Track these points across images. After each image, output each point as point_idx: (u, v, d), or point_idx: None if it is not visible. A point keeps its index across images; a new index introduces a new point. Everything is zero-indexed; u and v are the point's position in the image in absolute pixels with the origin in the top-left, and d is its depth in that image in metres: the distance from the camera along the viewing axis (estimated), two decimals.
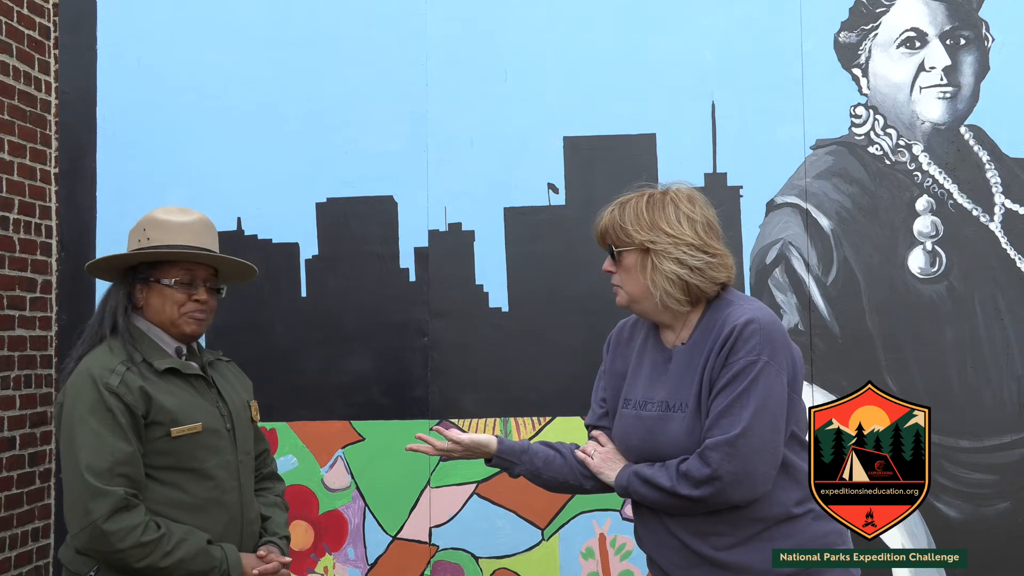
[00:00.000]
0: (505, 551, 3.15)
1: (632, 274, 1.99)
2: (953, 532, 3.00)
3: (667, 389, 1.98)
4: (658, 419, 1.97)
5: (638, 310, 2.04)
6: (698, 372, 1.92)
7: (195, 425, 2.15)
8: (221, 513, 2.18)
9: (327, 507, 3.22)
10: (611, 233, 2.02)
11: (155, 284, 2.21)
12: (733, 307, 1.94)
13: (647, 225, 1.97)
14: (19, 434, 4.06)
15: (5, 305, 4.01)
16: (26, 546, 4.10)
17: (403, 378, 3.21)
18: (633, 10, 3.22)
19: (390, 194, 3.26)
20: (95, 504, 1.99)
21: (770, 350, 1.86)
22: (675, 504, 1.90)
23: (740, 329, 1.87)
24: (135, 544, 2.00)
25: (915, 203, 3.10)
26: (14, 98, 4.15)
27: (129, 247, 2.25)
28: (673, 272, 1.94)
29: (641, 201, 2.01)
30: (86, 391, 2.07)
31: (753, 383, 1.83)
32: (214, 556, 2.10)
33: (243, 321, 3.21)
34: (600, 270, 2.10)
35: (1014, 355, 3.04)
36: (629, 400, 2.05)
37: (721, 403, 1.85)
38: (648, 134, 3.19)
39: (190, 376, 2.22)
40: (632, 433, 2.02)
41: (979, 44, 3.11)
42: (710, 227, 1.99)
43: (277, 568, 2.22)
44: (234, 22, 3.34)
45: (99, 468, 2.01)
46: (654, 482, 1.91)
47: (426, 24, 3.27)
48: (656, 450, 1.96)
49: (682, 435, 1.92)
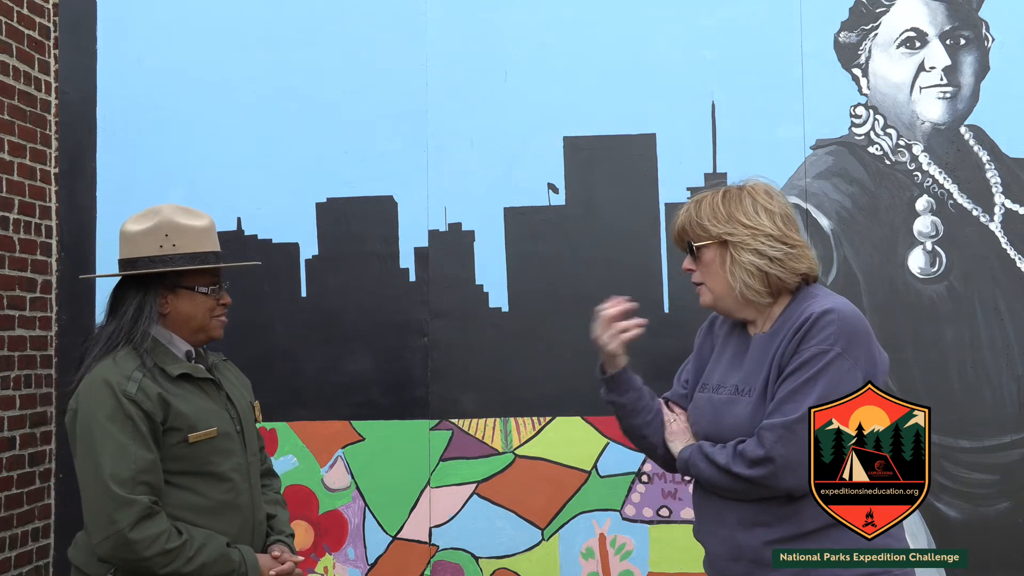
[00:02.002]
0: (505, 551, 3.15)
1: (713, 269, 2.00)
2: (953, 532, 3.00)
3: (741, 375, 1.99)
4: (726, 402, 1.98)
5: (722, 308, 2.04)
6: (769, 358, 1.92)
7: (211, 430, 2.16)
8: (236, 515, 2.20)
9: (327, 507, 3.22)
10: (688, 230, 2.02)
11: (185, 291, 2.20)
12: (816, 299, 1.94)
13: (724, 218, 1.98)
14: (19, 434, 4.06)
15: (5, 305, 4.01)
16: (26, 546, 4.10)
17: (403, 378, 3.21)
18: (633, 10, 3.22)
19: (390, 194, 3.26)
20: (121, 514, 2.00)
21: (845, 342, 1.84)
22: (729, 484, 1.89)
23: (816, 318, 1.86)
24: (160, 552, 2.02)
25: (915, 203, 3.10)
26: (14, 98, 4.15)
27: (145, 251, 2.18)
28: (752, 263, 1.94)
29: (717, 196, 2.02)
30: (104, 399, 2.06)
31: (821, 372, 1.83)
32: (233, 559, 2.12)
33: (243, 321, 3.20)
34: (600, 269, 2.11)
35: (1014, 355, 3.04)
36: (706, 384, 2.08)
37: (786, 388, 1.85)
38: (648, 134, 3.19)
39: (200, 380, 2.22)
40: (701, 415, 2.04)
41: (979, 44, 3.11)
42: (789, 219, 1.99)
43: (292, 568, 2.24)
44: (234, 22, 3.34)
45: (123, 477, 2.01)
46: (712, 459, 1.92)
47: (426, 24, 3.27)
48: (720, 433, 1.96)
49: (745, 419, 1.92)
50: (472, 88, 3.25)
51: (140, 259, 2.18)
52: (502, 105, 3.23)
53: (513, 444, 3.16)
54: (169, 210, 2.23)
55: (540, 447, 3.15)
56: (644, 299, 3.12)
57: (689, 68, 3.18)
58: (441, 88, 3.26)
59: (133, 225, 2.21)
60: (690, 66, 3.18)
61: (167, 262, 2.16)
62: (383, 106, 3.27)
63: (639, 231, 3.16)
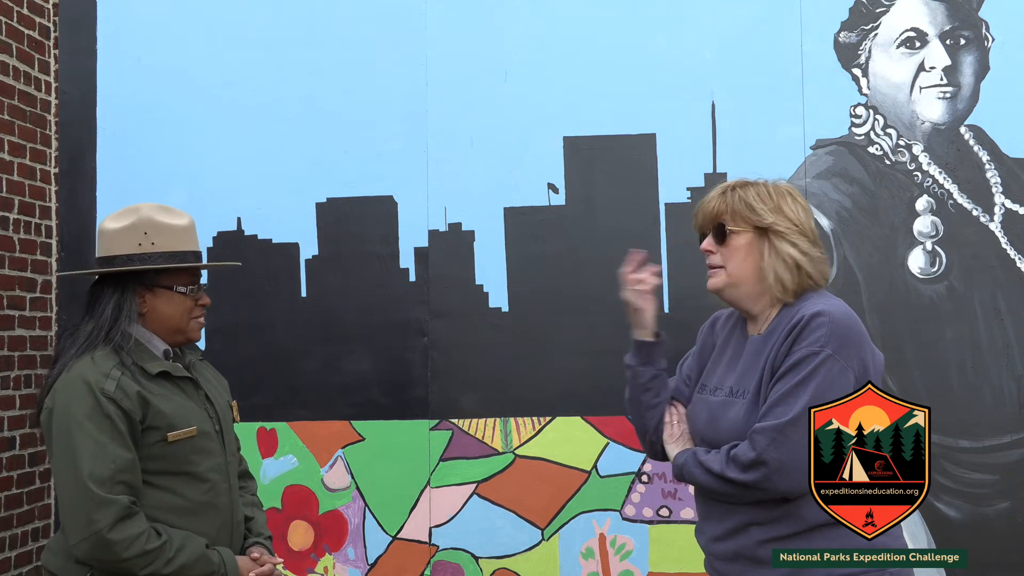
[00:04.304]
0: (505, 551, 3.15)
1: (741, 255, 2.00)
2: (953, 532, 3.00)
3: (736, 376, 2.00)
4: (721, 404, 1.99)
5: (733, 295, 2.03)
6: (763, 360, 1.93)
7: (191, 429, 2.12)
8: (215, 516, 2.17)
9: (327, 507, 3.22)
10: (729, 213, 2.01)
11: (164, 291, 2.16)
12: (809, 301, 1.95)
13: (773, 207, 1.99)
14: (19, 434, 4.06)
15: (5, 305, 4.01)
16: (26, 546, 4.10)
17: (403, 378, 3.21)
18: (633, 10, 3.22)
19: (390, 194, 3.26)
20: (100, 514, 1.96)
21: (837, 344, 1.84)
22: (723, 489, 1.90)
23: (808, 319, 1.87)
24: (139, 553, 1.99)
25: (915, 203, 3.10)
26: (14, 98, 4.15)
27: (123, 249, 2.15)
28: (790, 255, 1.96)
29: (760, 186, 2.03)
30: (81, 397, 2.02)
31: (813, 373, 1.83)
32: (213, 560, 2.09)
33: (243, 321, 3.21)
34: (600, 269, 2.11)
35: (1014, 355, 3.04)
36: (705, 385, 2.09)
37: (778, 391, 1.86)
38: (648, 134, 3.19)
39: (178, 379, 2.19)
40: (698, 416, 2.05)
41: (979, 44, 3.11)
42: (813, 227, 2.04)
43: (272, 570, 2.21)
44: (234, 22, 3.34)
45: (102, 476, 1.98)
46: (707, 465, 1.92)
47: (426, 24, 3.27)
48: (716, 434, 1.97)
49: (740, 420, 1.93)
50: (472, 88, 3.25)
51: (118, 257, 2.14)
52: (502, 105, 3.23)
53: (513, 444, 3.16)
54: (149, 209, 2.19)
55: (540, 447, 3.15)
56: None
57: (689, 68, 3.18)
58: (441, 88, 3.26)
59: (112, 223, 2.18)
60: (690, 66, 3.18)
61: (145, 260, 2.13)
62: (383, 106, 3.27)
63: (639, 231, 3.16)
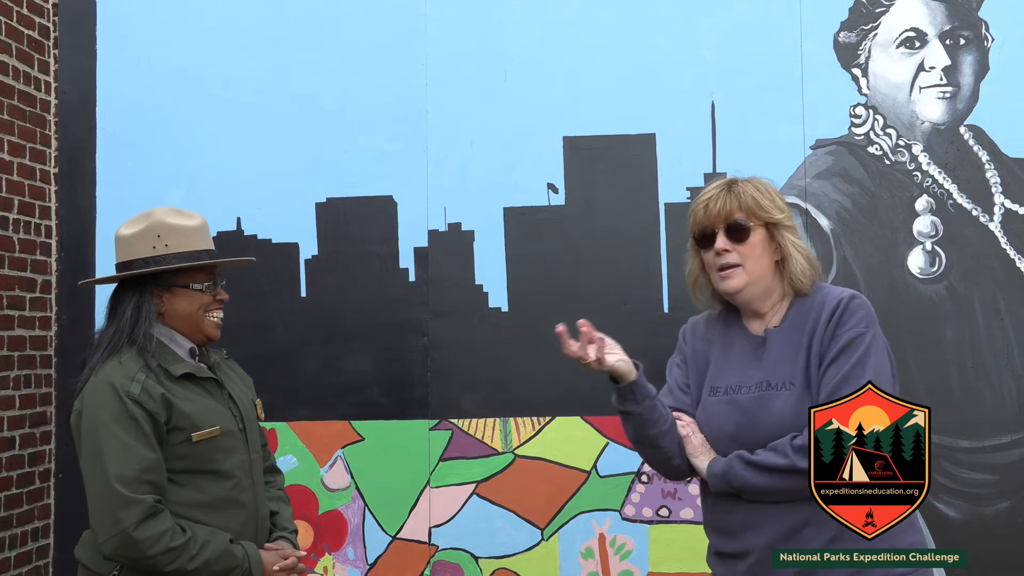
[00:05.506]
0: (505, 551, 3.15)
1: (758, 252, 1.99)
2: (953, 532, 3.00)
3: (764, 371, 1.96)
4: (757, 400, 1.94)
5: (748, 295, 2.01)
6: (803, 348, 1.93)
7: (214, 429, 2.19)
8: (239, 512, 2.23)
9: (327, 507, 3.22)
10: (744, 210, 1.99)
11: (181, 289, 2.24)
12: (829, 290, 1.99)
13: (781, 203, 2.02)
14: (19, 434, 4.06)
15: (5, 305, 4.01)
16: (26, 546, 4.10)
17: (403, 378, 3.21)
18: (633, 10, 3.22)
19: (390, 194, 3.26)
20: (125, 513, 2.04)
21: (874, 325, 1.92)
22: (791, 484, 1.83)
23: (847, 303, 1.92)
24: (164, 550, 2.05)
25: (915, 203, 3.10)
26: (14, 98, 4.15)
27: (139, 253, 2.23)
28: (801, 248, 2.00)
29: (753, 181, 2.03)
30: (108, 400, 2.10)
31: (867, 353, 1.87)
32: (236, 555, 2.15)
33: (243, 321, 3.21)
34: (600, 269, 2.10)
35: (1014, 355, 3.04)
36: (718, 388, 2.02)
37: (836, 373, 1.86)
38: (648, 134, 3.19)
39: (202, 379, 2.25)
40: (726, 419, 1.97)
41: (979, 44, 3.11)
42: None
43: (295, 563, 2.27)
44: (234, 22, 3.34)
45: (127, 476, 2.05)
46: (765, 464, 1.86)
47: (426, 24, 3.27)
48: (754, 432, 1.92)
49: (788, 412, 1.90)
50: (472, 88, 3.25)
51: (134, 261, 2.23)
52: (502, 105, 3.23)
53: (513, 444, 3.16)
54: (161, 212, 2.28)
55: (540, 447, 3.15)
56: (644, 299, 3.14)
57: (689, 68, 3.18)
58: (441, 88, 3.26)
59: (126, 229, 2.27)
60: (690, 66, 3.18)
61: (160, 262, 2.21)
62: (383, 106, 3.27)
63: (639, 231, 3.16)
